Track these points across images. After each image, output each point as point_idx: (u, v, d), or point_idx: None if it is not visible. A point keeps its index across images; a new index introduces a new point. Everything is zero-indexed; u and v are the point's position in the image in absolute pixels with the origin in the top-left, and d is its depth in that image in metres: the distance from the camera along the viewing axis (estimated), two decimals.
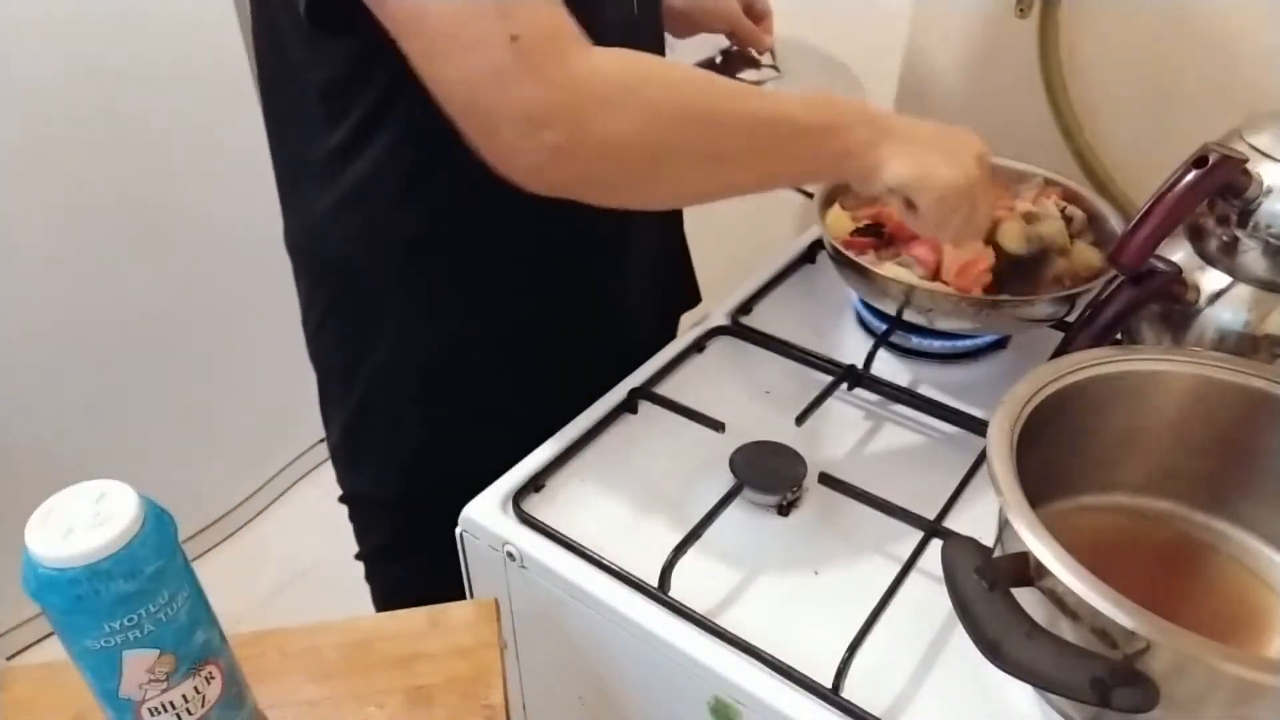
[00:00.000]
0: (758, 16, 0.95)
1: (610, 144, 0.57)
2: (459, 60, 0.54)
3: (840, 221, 0.86)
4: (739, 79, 0.94)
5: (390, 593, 0.94)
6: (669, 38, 0.94)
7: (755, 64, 0.95)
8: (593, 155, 0.57)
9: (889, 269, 0.80)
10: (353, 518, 0.92)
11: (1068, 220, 0.83)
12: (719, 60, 0.96)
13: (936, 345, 0.85)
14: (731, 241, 1.52)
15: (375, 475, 0.87)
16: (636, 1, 0.72)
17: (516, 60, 0.53)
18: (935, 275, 0.79)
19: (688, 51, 0.96)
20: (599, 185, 0.60)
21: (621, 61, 0.57)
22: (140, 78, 1.40)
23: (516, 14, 0.53)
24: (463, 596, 0.77)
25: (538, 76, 0.53)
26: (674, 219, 0.97)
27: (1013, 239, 0.80)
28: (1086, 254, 0.82)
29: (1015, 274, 0.79)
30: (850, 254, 0.80)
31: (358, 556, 0.94)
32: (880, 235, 0.83)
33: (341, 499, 0.91)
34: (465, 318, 0.77)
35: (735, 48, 0.96)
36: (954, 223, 0.68)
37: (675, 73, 0.59)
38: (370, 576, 0.95)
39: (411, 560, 0.89)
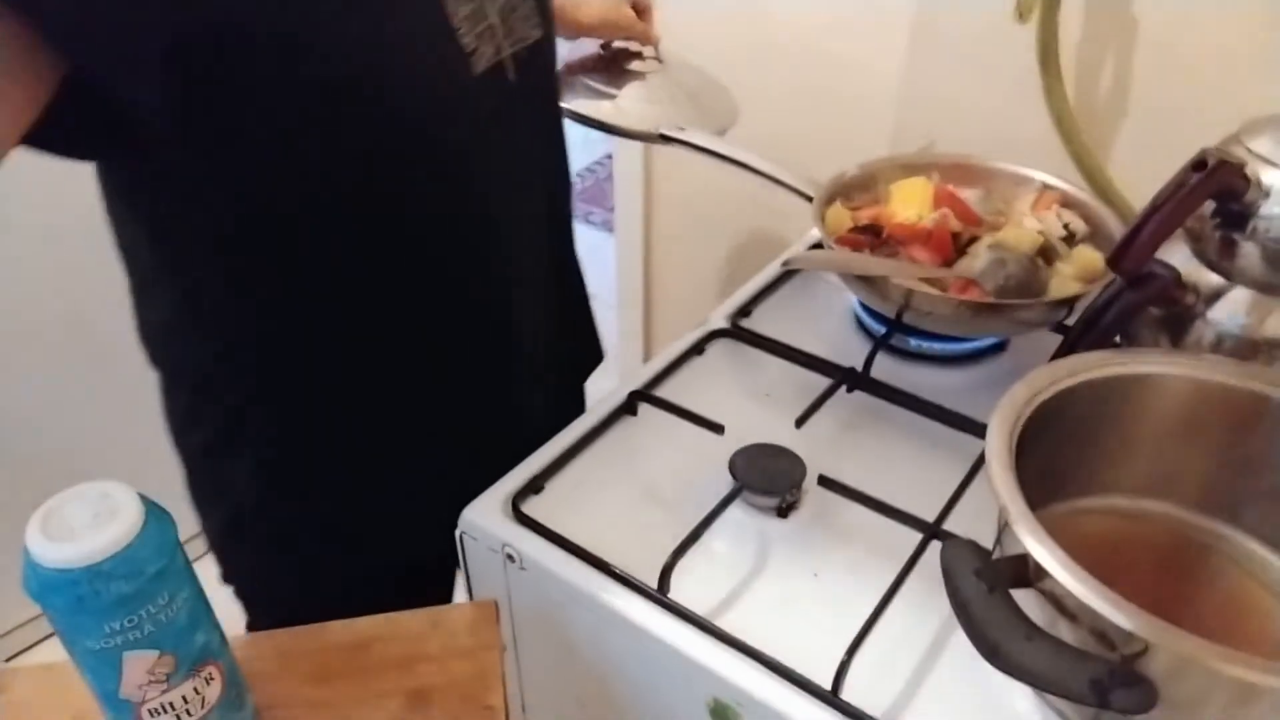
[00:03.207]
0: (640, 10, 0.95)
1: None
2: None
3: (839, 218, 0.86)
4: (628, 70, 0.96)
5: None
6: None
7: (639, 56, 0.97)
8: None
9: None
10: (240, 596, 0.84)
11: (1071, 234, 0.83)
12: (603, 53, 0.97)
13: (936, 348, 0.85)
14: (731, 244, 1.52)
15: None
16: (513, 68, 0.67)
17: None
18: (930, 277, 0.79)
19: (573, 45, 0.97)
20: None
21: None
22: None
23: None
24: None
25: None
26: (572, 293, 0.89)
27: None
28: (1087, 257, 0.82)
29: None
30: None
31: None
32: (878, 235, 0.83)
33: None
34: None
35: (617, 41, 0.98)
36: None
37: None
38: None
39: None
